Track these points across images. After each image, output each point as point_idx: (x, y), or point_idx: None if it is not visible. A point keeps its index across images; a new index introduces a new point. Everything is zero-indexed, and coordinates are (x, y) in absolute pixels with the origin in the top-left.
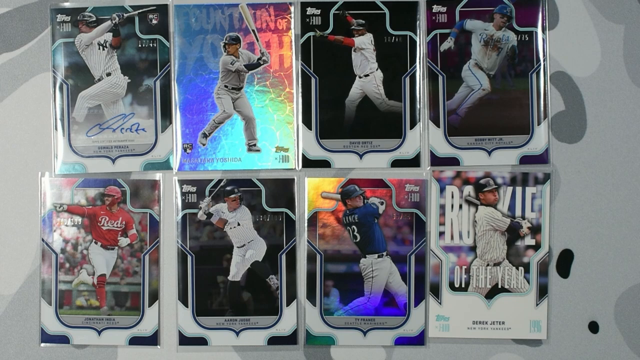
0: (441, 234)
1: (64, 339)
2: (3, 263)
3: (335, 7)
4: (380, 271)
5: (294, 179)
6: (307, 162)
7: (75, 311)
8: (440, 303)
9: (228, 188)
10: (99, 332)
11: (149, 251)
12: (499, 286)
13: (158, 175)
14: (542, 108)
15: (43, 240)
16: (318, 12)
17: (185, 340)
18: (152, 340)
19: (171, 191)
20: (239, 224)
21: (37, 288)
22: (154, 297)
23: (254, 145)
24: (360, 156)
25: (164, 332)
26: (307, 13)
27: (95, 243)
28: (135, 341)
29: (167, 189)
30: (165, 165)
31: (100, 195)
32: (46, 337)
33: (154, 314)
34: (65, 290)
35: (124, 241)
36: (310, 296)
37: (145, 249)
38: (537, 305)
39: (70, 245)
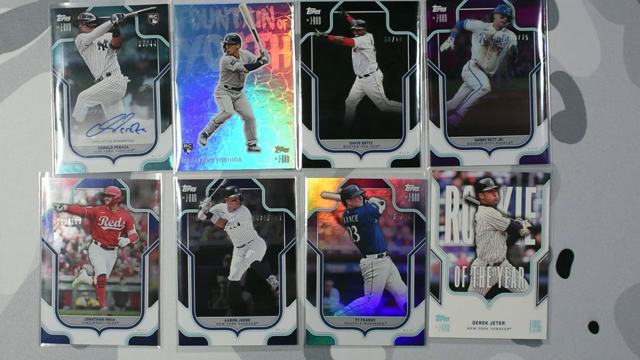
0: (441, 234)
1: (64, 339)
2: (3, 263)
3: (335, 7)
4: (380, 271)
5: (294, 179)
6: (307, 162)
7: (75, 311)
8: (440, 303)
9: (228, 188)
10: (99, 332)
11: (149, 251)
12: (499, 286)
13: (158, 175)
14: (542, 108)
15: (43, 240)
16: (318, 12)
17: (185, 340)
18: (152, 340)
19: (171, 191)
20: (239, 224)
21: (37, 288)
22: (154, 297)
23: (254, 145)
24: (360, 156)
25: (164, 332)
26: (307, 13)
27: (95, 243)
28: (135, 341)
29: (167, 189)
30: (165, 165)
31: (100, 195)
32: (46, 337)
33: (154, 314)
34: (65, 290)
35: (124, 241)
36: (310, 296)
37: (145, 249)
38: (537, 305)
39: (70, 245)
